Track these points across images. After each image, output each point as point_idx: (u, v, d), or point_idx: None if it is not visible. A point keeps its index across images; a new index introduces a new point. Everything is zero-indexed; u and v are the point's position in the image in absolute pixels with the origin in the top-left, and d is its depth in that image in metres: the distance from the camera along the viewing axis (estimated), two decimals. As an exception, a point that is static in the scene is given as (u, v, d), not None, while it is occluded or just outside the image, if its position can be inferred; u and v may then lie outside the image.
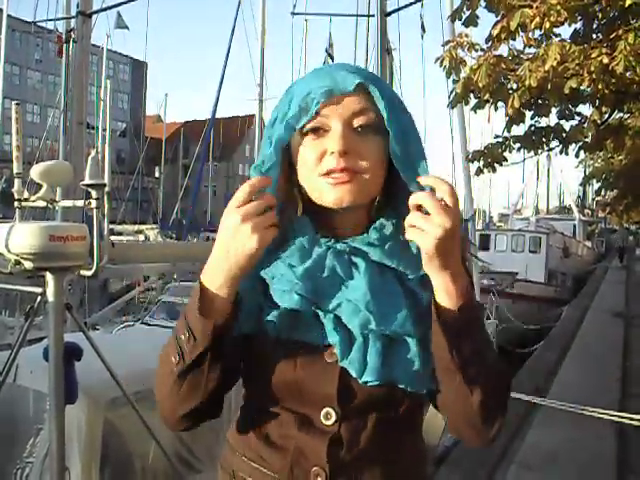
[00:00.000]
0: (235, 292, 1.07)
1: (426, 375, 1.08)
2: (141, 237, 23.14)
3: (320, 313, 1.08)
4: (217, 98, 15.34)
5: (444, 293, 1.04)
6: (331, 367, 1.10)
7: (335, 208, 1.09)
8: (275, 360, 1.11)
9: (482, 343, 1.07)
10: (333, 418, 1.10)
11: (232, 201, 1.04)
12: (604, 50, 4.24)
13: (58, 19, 7.74)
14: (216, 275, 1.06)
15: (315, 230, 1.15)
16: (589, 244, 31.60)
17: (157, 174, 49.06)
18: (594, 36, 5.18)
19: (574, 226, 29.73)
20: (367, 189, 1.10)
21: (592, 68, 4.18)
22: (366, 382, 1.06)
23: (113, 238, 2.84)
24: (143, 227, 25.83)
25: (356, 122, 1.08)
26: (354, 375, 1.07)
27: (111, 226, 3.13)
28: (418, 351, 1.07)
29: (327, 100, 1.08)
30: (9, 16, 12.07)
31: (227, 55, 15.30)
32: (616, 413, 5.35)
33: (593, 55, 4.22)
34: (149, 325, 6.33)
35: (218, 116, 17.41)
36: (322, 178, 1.08)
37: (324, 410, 1.10)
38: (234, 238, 1.02)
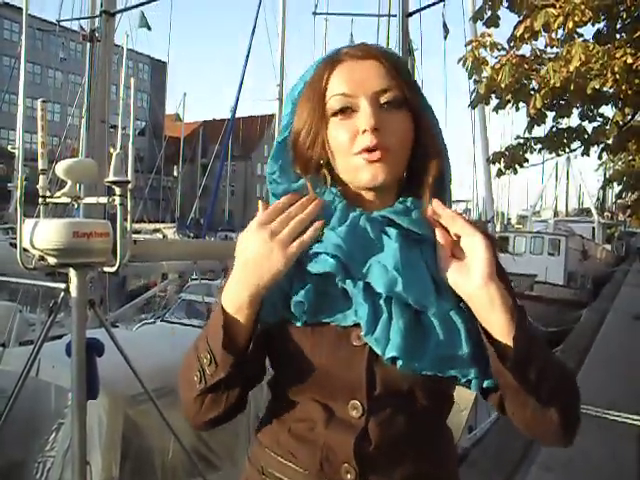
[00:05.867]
0: (257, 310, 1.06)
1: (457, 360, 1.05)
2: (159, 236, 23.18)
3: (349, 283, 1.06)
4: (237, 98, 15.34)
5: (499, 327, 1.02)
6: (358, 350, 1.08)
7: (369, 186, 1.11)
8: (301, 348, 1.10)
9: (546, 362, 1.04)
10: (360, 411, 1.08)
11: (256, 219, 1.06)
12: (628, 50, 4.21)
13: (81, 18, 7.78)
14: (238, 296, 1.05)
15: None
16: (609, 247, 31.32)
17: (175, 173, 49.26)
18: (617, 36, 5.14)
19: (593, 229, 29.49)
20: (397, 167, 1.12)
21: (616, 68, 4.14)
22: (390, 360, 1.03)
23: (133, 236, 2.85)
24: (160, 226, 25.87)
25: (382, 99, 1.10)
26: (378, 352, 1.04)
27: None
28: (443, 333, 1.05)
29: (349, 77, 1.11)
30: (32, 16, 12.18)
31: (247, 55, 15.27)
32: (637, 417, 5.30)
33: (617, 55, 4.19)
34: (169, 323, 6.36)
35: (237, 115, 17.40)
36: (357, 156, 1.09)
37: (351, 402, 1.08)
38: (260, 256, 1.03)
